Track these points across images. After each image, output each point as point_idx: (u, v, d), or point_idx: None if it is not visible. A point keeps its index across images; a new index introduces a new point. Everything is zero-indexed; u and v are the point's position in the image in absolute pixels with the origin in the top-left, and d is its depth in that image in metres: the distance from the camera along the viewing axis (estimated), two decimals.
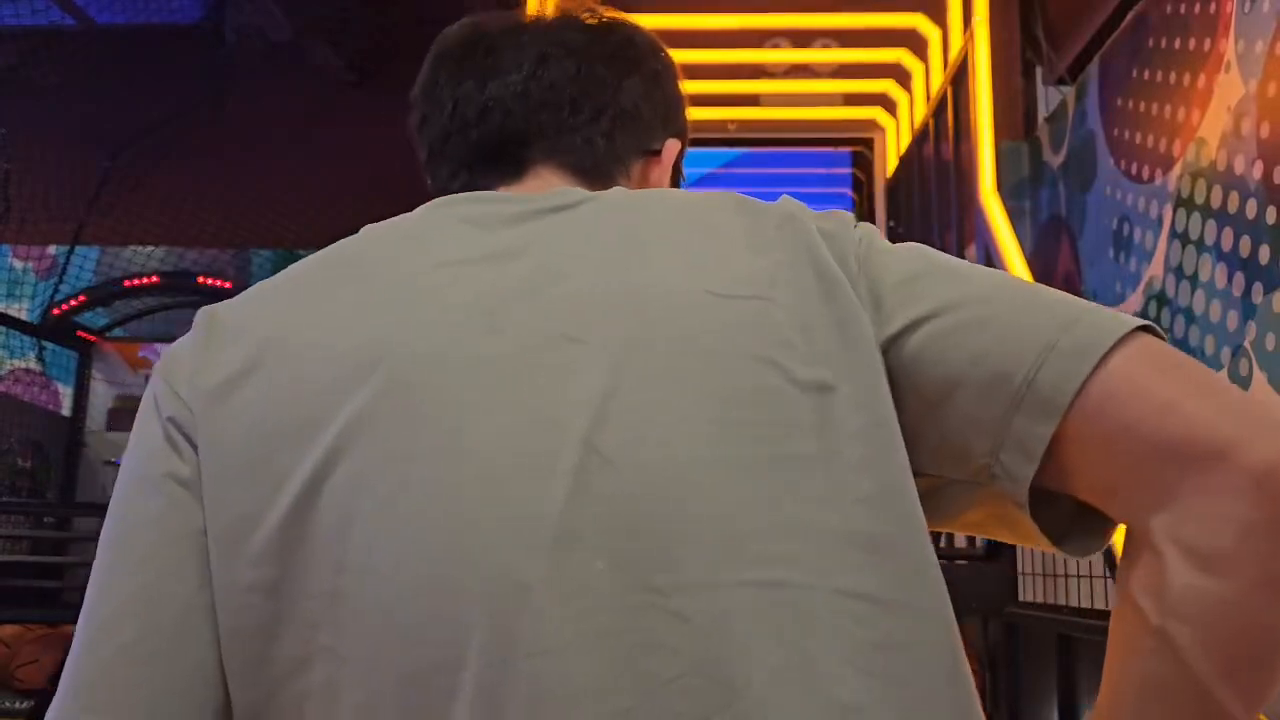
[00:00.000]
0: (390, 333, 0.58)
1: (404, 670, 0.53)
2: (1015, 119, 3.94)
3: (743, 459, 0.55)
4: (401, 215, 0.69)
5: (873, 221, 4.74)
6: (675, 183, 0.82)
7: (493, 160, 0.73)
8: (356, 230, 0.70)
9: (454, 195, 0.70)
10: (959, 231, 3.93)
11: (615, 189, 0.69)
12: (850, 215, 0.67)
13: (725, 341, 0.57)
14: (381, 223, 0.69)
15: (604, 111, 0.74)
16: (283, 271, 0.67)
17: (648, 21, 0.82)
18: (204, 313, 0.65)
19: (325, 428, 0.56)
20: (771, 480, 0.55)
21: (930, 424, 0.59)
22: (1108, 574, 2.37)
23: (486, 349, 0.57)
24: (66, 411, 5.41)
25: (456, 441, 0.55)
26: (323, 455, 0.56)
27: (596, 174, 0.73)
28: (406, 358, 0.57)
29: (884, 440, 0.57)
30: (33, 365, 5.43)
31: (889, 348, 0.60)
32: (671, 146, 0.79)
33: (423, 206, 0.69)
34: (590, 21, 0.77)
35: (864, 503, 0.55)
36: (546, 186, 0.71)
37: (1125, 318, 0.57)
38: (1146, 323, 0.57)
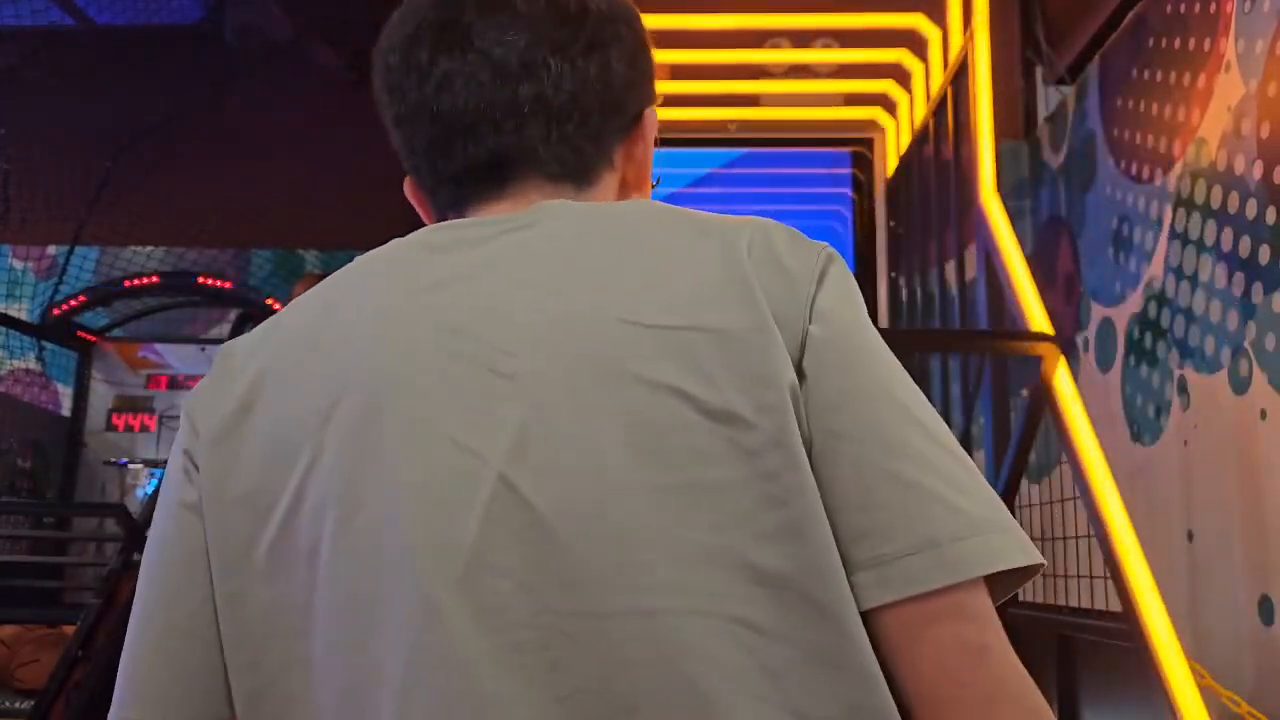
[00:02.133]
0: (351, 367, 0.64)
1: (342, 684, 0.60)
2: (1015, 119, 3.94)
3: (646, 487, 0.57)
4: (389, 244, 0.72)
5: (872, 221, 4.75)
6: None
7: (479, 180, 0.73)
8: (356, 229, 0.71)
9: (427, 228, 0.73)
10: (959, 231, 3.93)
11: (580, 206, 0.70)
12: (823, 251, 0.66)
13: (642, 373, 0.59)
14: (371, 252, 0.72)
15: (590, 114, 0.73)
16: (290, 305, 0.73)
17: (648, 22, 0.81)
18: (222, 349, 0.72)
19: (300, 458, 0.62)
20: (674, 509, 0.57)
21: None
22: (1107, 574, 2.37)
23: (426, 383, 0.62)
24: (66, 412, 5.40)
25: (395, 474, 0.60)
26: (298, 483, 0.62)
27: (581, 176, 0.74)
28: (361, 392, 0.62)
29: (796, 483, 0.58)
30: (33, 365, 5.42)
31: (806, 412, 0.61)
32: (650, 117, 0.78)
33: (398, 242, 0.72)
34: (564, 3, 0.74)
35: (764, 538, 0.57)
36: (525, 201, 0.72)
37: (994, 552, 0.58)
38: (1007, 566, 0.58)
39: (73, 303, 5.37)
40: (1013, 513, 0.68)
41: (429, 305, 0.64)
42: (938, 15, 4.16)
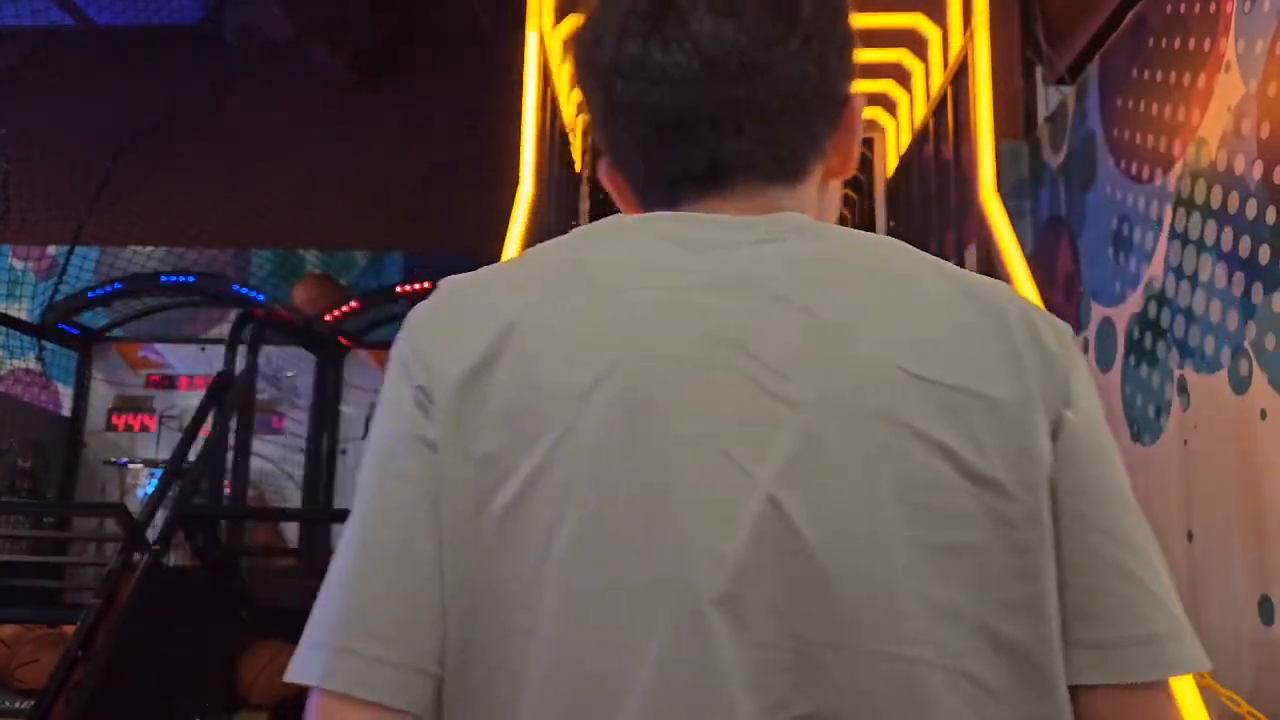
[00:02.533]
0: (616, 353, 0.63)
1: (584, 670, 0.59)
2: (1015, 119, 3.94)
3: (908, 539, 0.60)
4: (603, 224, 0.72)
5: (872, 221, 4.75)
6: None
7: (695, 182, 0.72)
8: (357, 229, 0.71)
9: (658, 215, 0.71)
10: (959, 231, 3.93)
11: (828, 229, 0.70)
12: (1072, 337, 0.69)
13: (916, 426, 0.61)
14: (589, 230, 0.72)
15: (805, 110, 0.72)
16: (512, 260, 0.72)
17: None
18: (448, 286, 0.70)
19: (549, 429, 0.62)
20: (932, 565, 0.60)
21: None
22: None
23: (697, 390, 0.62)
24: (66, 411, 5.40)
25: (663, 475, 0.60)
26: (544, 454, 0.61)
27: (795, 173, 0.73)
28: (627, 380, 0.62)
29: (1044, 560, 0.62)
30: (33, 365, 5.42)
31: (1052, 492, 0.63)
32: (858, 105, 0.76)
33: (617, 220, 0.72)
34: None
35: (1007, 607, 0.61)
36: (748, 202, 0.71)
37: (1199, 656, 0.64)
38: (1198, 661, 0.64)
39: (73, 303, 5.37)
40: None
41: (697, 307, 0.64)
42: (938, 15, 4.16)
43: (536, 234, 3.02)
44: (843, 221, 5.20)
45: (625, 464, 0.60)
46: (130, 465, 5.03)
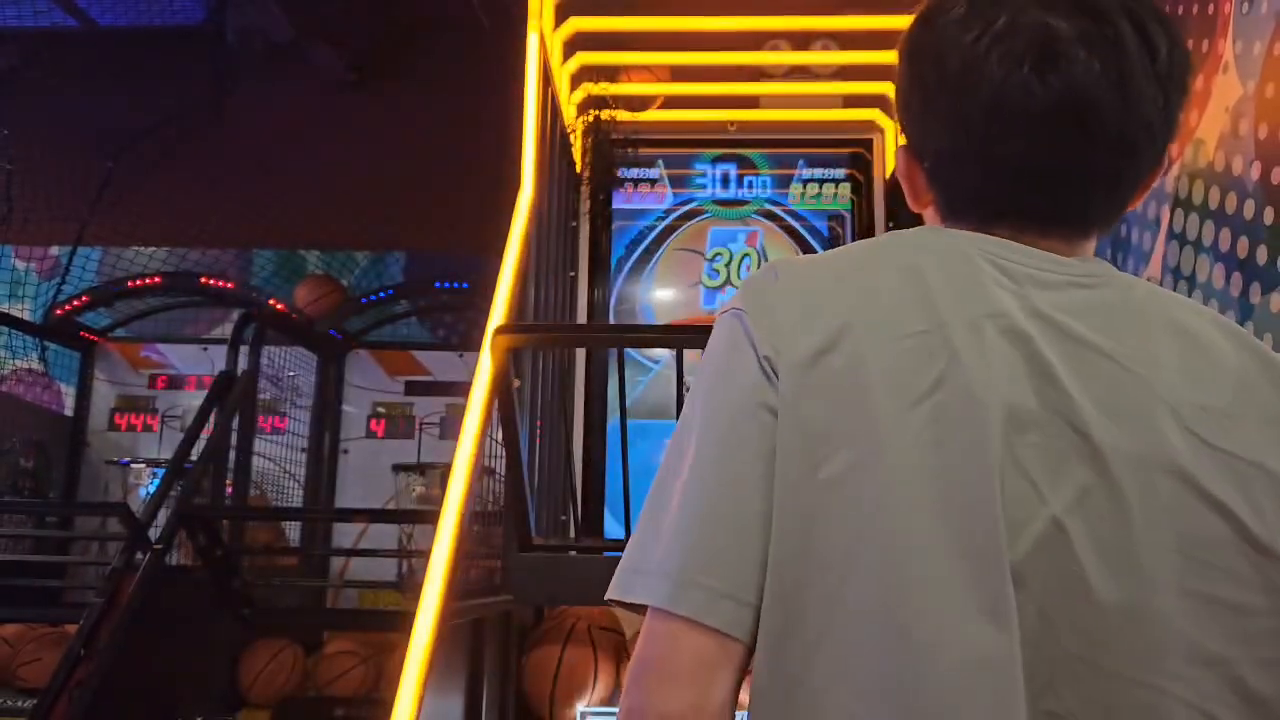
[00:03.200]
0: (950, 375, 0.69)
1: (893, 621, 0.65)
2: None
3: (1178, 586, 0.66)
4: (931, 237, 0.76)
5: (873, 221, 4.75)
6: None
7: (1024, 219, 0.75)
8: (357, 229, 0.72)
9: (984, 239, 0.75)
10: None
11: (1126, 279, 0.76)
12: None
13: (1202, 485, 0.67)
14: (920, 239, 0.76)
15: (1142, 177, 0.76)
16: (838, 254, 0.78)
17: (648, 24, 0.81)
18: (783, 269, 0.76)
19: (881, 424, 0.68)
20: (1198, 614, 0.66)
21: None
22: None
23: (1018, 414, 0.68)
24: (69, 411, 5.41)
25: (971, 489, 0.66)
26: (875, 443, 0.68)
27: (1105, 229, 0.78)
28: (950, 398, 0.68)
29: None
30: (35, 365, 5.44)
31: None
32: (1163, 167, 0.79)
33: (945, 234, 0.76)
34: (1159, 31, 0.73)
35: (1261, 664, 0.66)
36: (1063, 244, 0.75)
37: None
38: None
39: (75, 303, 5.38)
40: None
41: (1023, 336, 0.70)
42: None
43: (537, 234, 3.03)
44: (842, 221, 5.18)
45: (940, 468, 0.67)
46: (132, 465, 5.04)
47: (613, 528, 4.04)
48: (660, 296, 4.54)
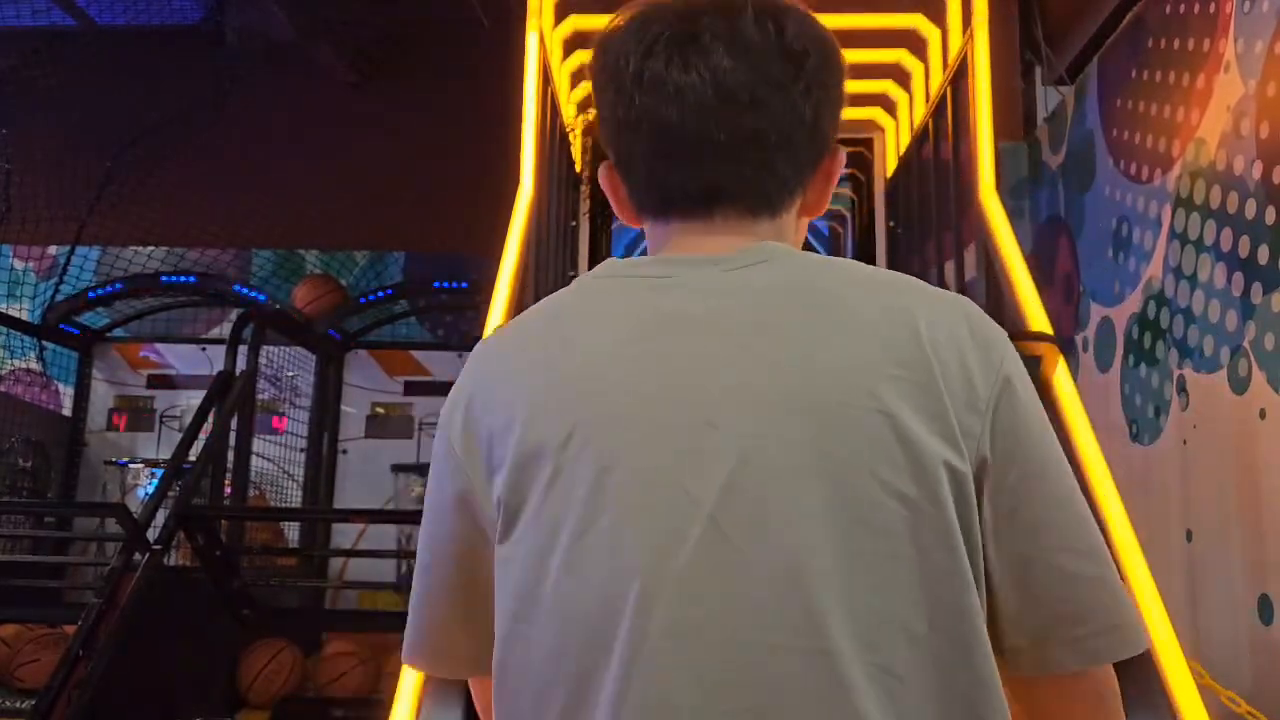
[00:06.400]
0: (584, 407, 0.73)
1: (566, 669, 0.71)
2: (1014, 119, 3.94)
3: (834, 550, 0.68)
4: (598, 274, 0.81)
5: (872, 221, 4.75)
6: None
7: (689, 200, 0.80)
8: (357, 229, 0.74)
9: (641, 261, 0.82)
10: (958, 231, 3.93)
11: (795, 256, 0.78)
12: (1003, 340, 0.78)
13: (836, 448, 0.70)
14: (586, 282, 0.81)
15: (798, 150, 0.80)
16: (512, 323, 0.84)
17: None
18: (479, 351, 0.83)
19: (543, 470, 0.73)
20: (854, 574, 0.68)
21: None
22: None
23: (655, 425, 0.72)
24: (67, 411, 5.40)
25: (627, 499, 0.71)
26: (549, 475, 0.73)
27: (777, 207, 0.81)
28: (596, 427, 0.72)
29: (948, 565, 0.69)
30: (33, 365, 5.43)
31: (979, 497, 0.72)
32: (841, 154, 0.85)
33: (611, 267, 0.81)
34: (772, 28, 0.78)
35: (917, 606, 0.68)
36: (728, 233, 0.80)
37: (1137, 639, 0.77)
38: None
39: (74, 303, 5.37)
40: None
41: (647, 352, 0.74)
42: (937, 15, 4.15)
43: (537, 234, 3.02)
44: (841, 221, 5.16)
45: (603, 501, 0.71)
46: (131, 465, 5.03)
47: None
48: None
